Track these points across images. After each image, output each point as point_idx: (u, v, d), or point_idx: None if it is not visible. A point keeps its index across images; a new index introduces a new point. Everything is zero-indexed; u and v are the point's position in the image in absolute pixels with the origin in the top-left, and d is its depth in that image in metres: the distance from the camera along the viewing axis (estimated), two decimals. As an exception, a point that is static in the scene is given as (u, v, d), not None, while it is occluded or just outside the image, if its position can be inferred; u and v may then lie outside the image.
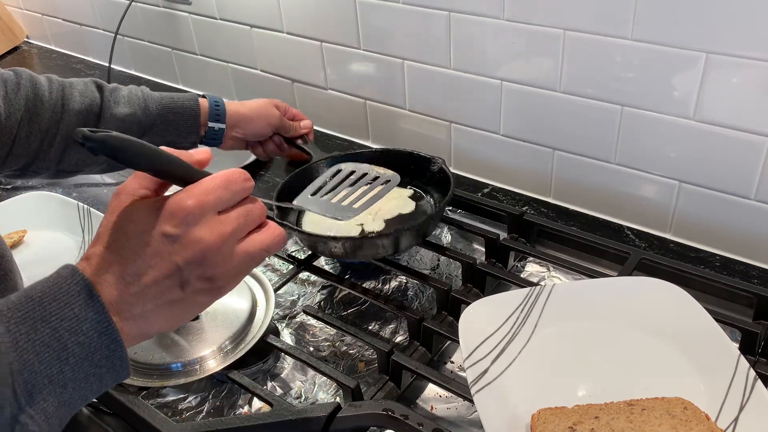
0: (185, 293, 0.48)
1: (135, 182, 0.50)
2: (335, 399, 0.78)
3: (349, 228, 0.94)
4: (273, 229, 0.51)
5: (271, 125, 1.06)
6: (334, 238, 0.87)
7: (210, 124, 0.98)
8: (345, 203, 0.82)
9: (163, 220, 0.47)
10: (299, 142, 1.10)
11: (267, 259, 1.01)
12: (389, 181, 0.85)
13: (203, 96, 1.00)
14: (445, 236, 1.03)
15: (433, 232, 0.98)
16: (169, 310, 0.48)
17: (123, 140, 0.45)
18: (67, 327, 0.42)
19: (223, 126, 1.00)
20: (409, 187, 1.03)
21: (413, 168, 1.02)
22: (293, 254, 0.98)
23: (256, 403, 0.78)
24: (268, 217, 0.53)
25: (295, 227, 0.91)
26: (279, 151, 1.11)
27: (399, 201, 0.99)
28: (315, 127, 1.16)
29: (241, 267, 0.49)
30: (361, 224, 0.95)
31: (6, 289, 0.63)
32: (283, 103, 1.11)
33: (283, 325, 0.90)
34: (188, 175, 0.49)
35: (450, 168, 1.00)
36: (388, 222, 0.95)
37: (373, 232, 0.93)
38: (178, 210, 0.47)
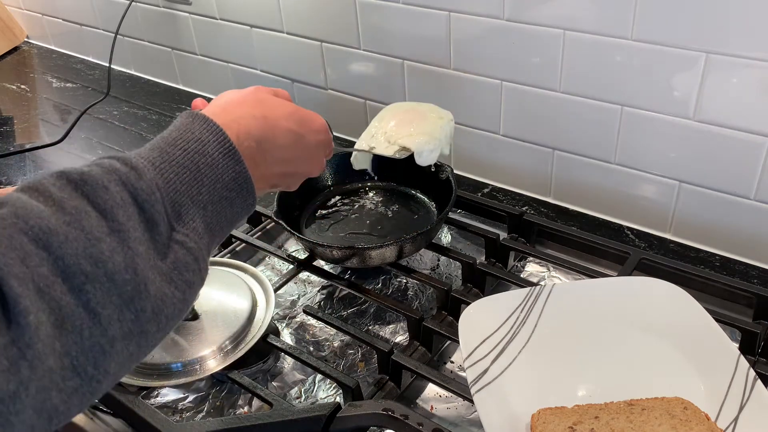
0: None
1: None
2: (335, 399, 0.78)
3: (359, 145, 0.92)
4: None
5: None
6: (335, 247, 0.87)
7: None
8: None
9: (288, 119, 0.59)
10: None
11: (267, 258, 1.01)
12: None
13: None
14: (445, 236, 1.03)
15: (433, 232, 0.98)
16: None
17: None
18: (195, 148, 0.47)
19: None
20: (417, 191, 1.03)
21: (424, 172, 1.01)
22: (293, 254, 0.98)
23: (256, 403, 0.78)
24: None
25: (295, 233, 0.91)
26: None
27: (414, 138, 0.90)
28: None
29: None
30: (372, 147, 0.91)
31: None
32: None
33: (283, 325, 0.90)
34: None
35: (450, 165, 1.00)
36: (398, 151, 0.90)
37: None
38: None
